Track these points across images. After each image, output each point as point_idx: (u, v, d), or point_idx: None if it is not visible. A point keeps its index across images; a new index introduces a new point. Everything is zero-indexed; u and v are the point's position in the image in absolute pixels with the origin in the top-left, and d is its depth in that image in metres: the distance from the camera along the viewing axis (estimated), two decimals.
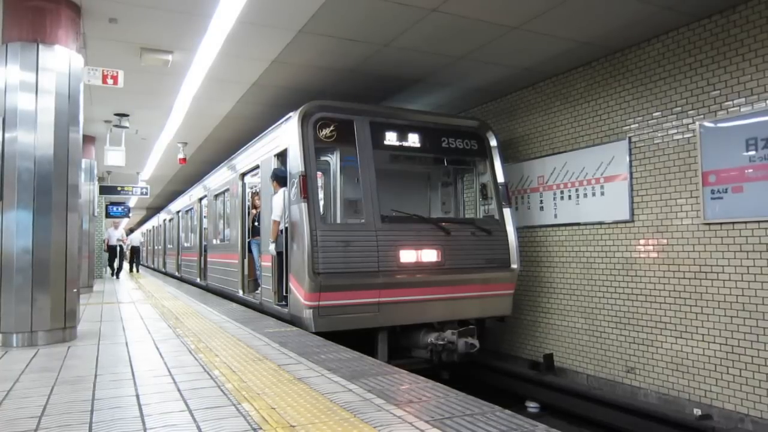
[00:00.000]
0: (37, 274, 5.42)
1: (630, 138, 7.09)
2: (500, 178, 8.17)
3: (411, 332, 7.36)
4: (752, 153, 5.69)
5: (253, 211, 10.03)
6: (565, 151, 8.09)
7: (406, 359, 7.27)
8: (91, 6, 5.99)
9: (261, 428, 2.86)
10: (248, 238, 9.80)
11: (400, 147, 7.66)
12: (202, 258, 14.07)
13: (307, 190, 6.69)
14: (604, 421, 6.77)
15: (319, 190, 7.73)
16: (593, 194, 7.61)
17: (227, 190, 11.18)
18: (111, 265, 19.42)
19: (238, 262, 9.86)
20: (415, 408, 3.17)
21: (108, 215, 20.70)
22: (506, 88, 8.93)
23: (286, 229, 7.29)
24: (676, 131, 6.53)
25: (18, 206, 5.38)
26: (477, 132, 8.30)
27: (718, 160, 6.01)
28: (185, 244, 17.23)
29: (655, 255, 6.75)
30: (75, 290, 5.80)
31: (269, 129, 8.21)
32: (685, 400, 6.35)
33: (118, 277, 18.14)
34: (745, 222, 5.77)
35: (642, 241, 6.92)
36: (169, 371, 4.25)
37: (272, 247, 7.65)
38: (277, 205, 7.52)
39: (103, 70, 7.14)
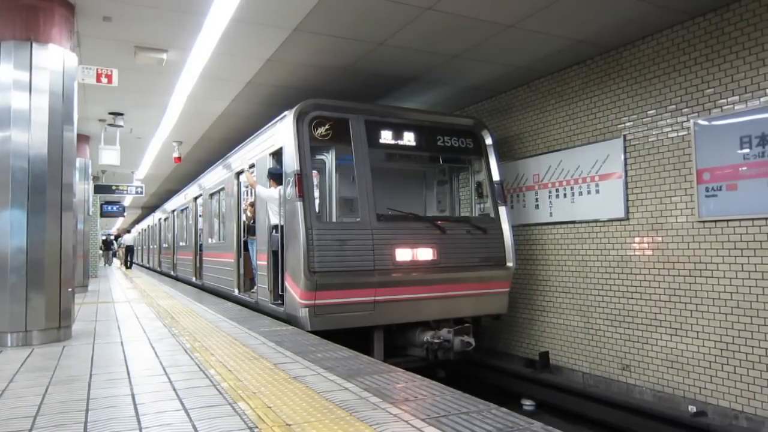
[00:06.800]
0: (32, 274, 5.39)
1: (625, 136, 7.10)
2: (496, 177, 8.17)
3: (407, 331, 7.36)
4: (746, 151, 5.71)
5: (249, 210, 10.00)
6: (560, 149, 8.10)
7: (402, 358, 7.28)
8: (85, 4, 5.96)
9: (257, 427, 2.86)
10: (244, 236, 9.78)
11: (396, 145, 7.66)
12: (198, 257, 14.04)
13: (302, 189, 6.68)
14: (600, 418, 6.79)
15: (315, 188, 7.72)
16: (588, 192, 7.62)
17: (222, 188, 11.15)
18: None
19: (234, 261, 9.84)
20: (411, 406, 3.17)
21: (103, 214, 20.63)
22: (501, 86, 8.94)
23: (282, 227, 7.29)
24: (670, 129, 6.55)
25: (12, 205, 5.36)
26: (472, 130, 8.30)
27: (713, 157, 6.03)
28: (181, 243, 17.19)
29: (650, 253, 6.77)
30: (70, 289, 5.78)
31: (264, 128, 8.19)
32: (680, 397, 6.38)
33: None
34: (740, 219, 5.80)
35: (637, 239, 6.94)
36: (165, 370, 4.24)
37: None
38: (270, 194, 7.68)
39: (97, 69, 7.13)
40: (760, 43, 5.68)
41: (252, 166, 8.90)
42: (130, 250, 26.62)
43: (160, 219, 22.94)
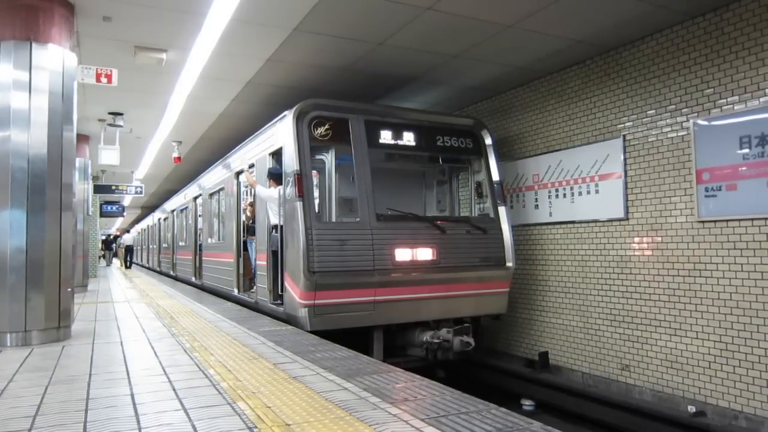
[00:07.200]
0: (31, 273, 5.39)
1: (624, 136, 7.10)
2: (495, 177, 8.17)
3: (406, 331, 7.36)
4: (746, 151, 5.71)
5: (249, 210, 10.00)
6: (559, 149, 8.10)
7: (401, 357, 7.28)
8: (85, 4, 5.96)
9: (256, 427, 2.86)
10: (243, 236, 9.79)
11: (396, 145, 7.66)
12: (197, 257, 14.04)
13: (302, 189, 6.68)
14: (599, 418, 6.79)
15: (315, 188, 7.72)
16: (588, 192, 7.62)
17: (222, 188, 11.16)
18: None
19: (233, 261, 9.85)
20: (410, 406, 3.17)
21: (102, 214, 20.64)
22: (501, 86, 8.94)
23: (282, 227, 7.29)
24: (670, 129, 6.55)
25: (11, 205, 5.35)
26: (472, 130, 8.30)
27: (712, 158, 6.03)
28: (180, 243, 17.20)
29: (649, 253, 6.77)
30: (69, 289, 5.78)
31: (264, 128, 8.19)
32: (680, 397, 6.38)
33: None
34: (739, 219, 5.80)
35: (636, 239, 6.94)
36: (164, 370, 4.24)
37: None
38: (270, 194, 7.70)
39: (96, 69, 7.13)
40: (759, 43, 5.68)
41: (252, 166, 8.90)
42: (129, 249, 26.64)
43: (159, 219, 22.96)
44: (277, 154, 7.68)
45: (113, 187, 17.28)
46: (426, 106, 9.96)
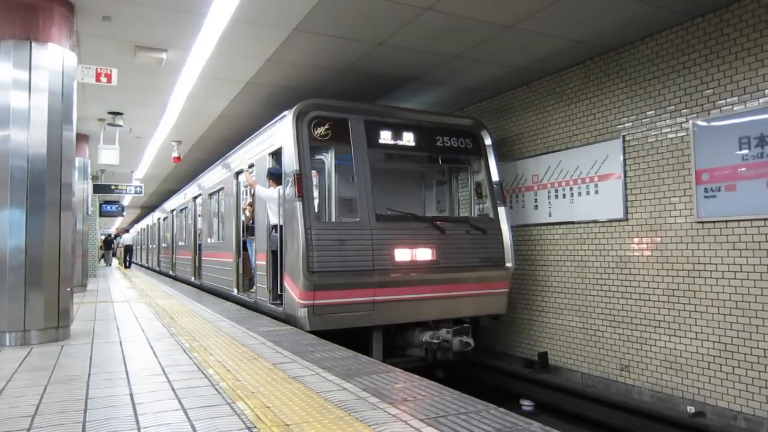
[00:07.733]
0: (30, 273, 5.39)
1: (624, 137, 7.11)
2: (495, 177, 8.17)
3: (406, 331, 7.36)
4: (745, 152, 5.72)
5: (249, 210, 10.00)
6: (559, 150, 8.11)
7: (400, 358, 7.28)
8: (85, 4, 5.96)
9: (256, 427, 2.86)
10: (243, 236, 9.79)
11: (395, 146, 7.66)
12: (197, 257, 14.04)
13: (302, 189, 6.68)
14: (599, 419, 6.79)
15: (314, 188, 7.72)
16: (587, 193, 7.63)
17: (222, 188, 11.16)
18: None
19: (233, 261, 9.84)
20: (409, 406, 3.17)
21: (102, 214, 20.64)
22: (501, 86, 8.94)
23: (281, 227, 7.29)
24: (669, 130, 6.55)
25: (11, 205, 5.35)
26: (472, 130, 8.30)
27: (712, 158, 6.03)
28: (180, 243, 17.19)
29: (648, 253, 6.78)
30: (68, 289, 5.77)
31: (264, 128, 8.19)
32: (679, 397, 6.38)
33: None
34: (738, 220, 5.80)
35: (636, 240, 6.94)
36: (163, 370, 4.24)
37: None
38: (270, 194, 7.70)
39: (96, 69, 7.13)
40: (758, 44, 5.69)
41: (251, 165, 8.90)
42: (129, 249, 26.68)
43: (159, 218, 22.95)
44: (276, 154, 7.68)
45: (113, 187, 17.27)
46: (426, 106, 9.96)
